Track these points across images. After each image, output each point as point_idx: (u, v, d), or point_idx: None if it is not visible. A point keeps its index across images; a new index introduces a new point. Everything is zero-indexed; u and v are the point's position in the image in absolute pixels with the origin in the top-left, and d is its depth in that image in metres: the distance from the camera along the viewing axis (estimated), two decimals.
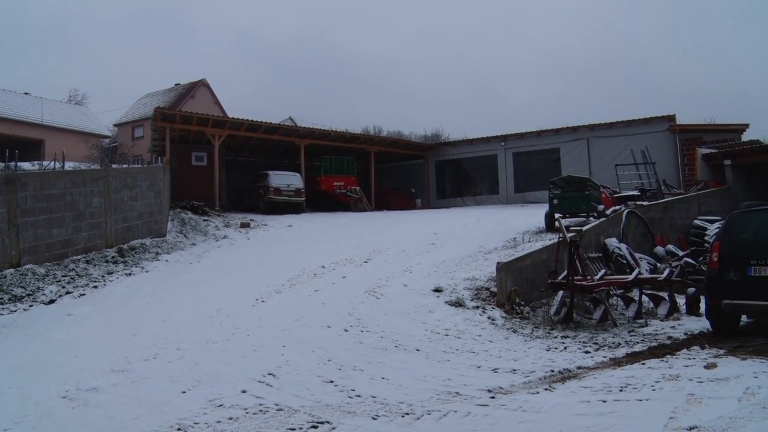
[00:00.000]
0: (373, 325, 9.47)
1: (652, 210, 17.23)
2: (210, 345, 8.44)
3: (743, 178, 20.48)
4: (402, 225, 20.91)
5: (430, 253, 15.18)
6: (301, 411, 5.76)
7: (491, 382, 6.69)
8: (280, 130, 27.92)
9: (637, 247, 15.24)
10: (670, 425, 5.02)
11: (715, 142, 24.47)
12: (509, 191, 31.04)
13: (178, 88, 53.45)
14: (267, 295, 11.56)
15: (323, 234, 19.58)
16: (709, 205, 18.92)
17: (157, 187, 18.28)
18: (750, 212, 9.39)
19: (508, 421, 5.39)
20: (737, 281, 8.58)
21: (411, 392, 6.33)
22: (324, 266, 13.94)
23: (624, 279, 11.35)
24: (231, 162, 29.79)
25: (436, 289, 11.37)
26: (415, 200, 33.23)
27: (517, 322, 10.21)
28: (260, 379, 6.85)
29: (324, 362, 7.61)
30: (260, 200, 25.25)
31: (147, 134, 42.42)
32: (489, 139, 32.07)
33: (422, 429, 5.29)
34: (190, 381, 6.78)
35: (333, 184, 28.63)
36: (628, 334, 9.45)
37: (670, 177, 25.09)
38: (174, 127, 24.05)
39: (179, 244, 17.31)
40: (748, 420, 5.05)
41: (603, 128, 28.33)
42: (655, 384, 6.33)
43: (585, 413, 5.49)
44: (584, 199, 16.83)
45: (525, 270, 11.81)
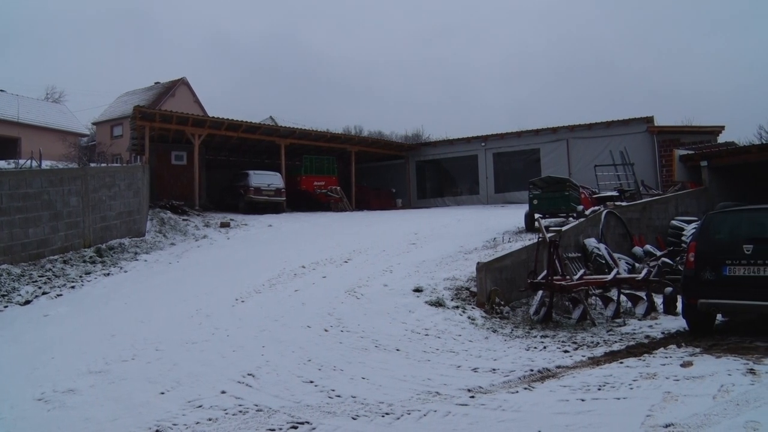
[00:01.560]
0: (353, 325, 9.46)
1: (630, 210, 17.39)
2: (189, 345, 8.38)
3: (719, 179, 20.74)
4: (382, 225, 20.92)
5: (410, 253, 15.20)
6: (281, 411, 5.74)
7: (471, 381, 6.71)
8: (261, 129, 27.80)
9: (615, 247, 15.37)
10: (647, 423, 5.07)
11: (692, 143, 24.77)
12: (489, 191, 31.19)
13: (158, 87, 53.04)
14: (247, 295, 11.50)
15: (303, 234, 19.54)
16: (686, 205, 19.14)
17: (136, 186, 18.12)
18: (725, 213, 9.53)
19: (487, 420, 5.41)
20: (713, 281, 8.69)
21: (391, 392, 6.33)
22: (304, 266, 13.91)
23: (603, 279, 11.45)
24: (211, 161, 29.62)
25: (416, 289, 11.39)
26: (396, 200, 33.25)
27: (496, 322, 10.26)
28: (240, 380, 6.81)
29: (304, 362, 7.58)
30: (240, 200, 25.13)
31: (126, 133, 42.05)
32: (469, 139, 32.20)
33: (402, 429, 5.29)
34: (168, 382, 6.73)
35: (313, 183, 28.57)
36: (606, 333, 9.53)
37: (649, 178, 25.36)
38: (153, 126, 23.86)
39: (158, 244, 17.17)
40: (722, 417, 5.14)
41: (582, 129, 28.56)
42: (633, 382, 6.39)
43: (564, 412, 5.53)
44: (564, 199, 16.95)
45: (505, 270, 11.87)
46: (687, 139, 25.68)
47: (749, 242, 8.45)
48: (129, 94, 53.49)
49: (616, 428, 5.03)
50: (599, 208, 17.14)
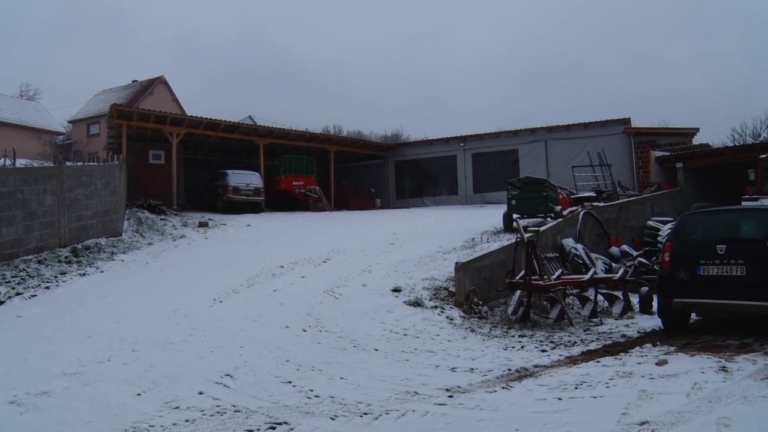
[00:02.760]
0: (331, 325, 9.45)
1: (607, 211, 17.55)
2: (166, 346, 8.31)
3: (694, 180, 21.04)
4: (361, 225, 20.92)
5: (389, 253, 15.21)
6: (259, 412, 5.71)
7: (449, 381, 6.74)
8: (240, 128, 27.65)
9: (593, 247, 15.50)
10: (623, 421, 5.13)
11: (667, 145, 25.08)
12: (468, 192, 31.31)
13: (136, 85, 52.46)
14: (225, 296, 11.44)
15: (282, 234, 19.47)
16: (662, 206, 19.38)
17: (113, 185, 17.93)
18: (699, 214, 9.66)
19: (465, 419, 5.43)
20: (687, 280, 8.81)
21: (369, 392, 6.34)
22: (283, 266, 13.86)
23: (580, 279, 11.55)
24: (189, 161, 29.41)
25: (395, 289, 11.41)
26: (375, 200, 33.26)
27: (475, 322, 10.30)
28: (218, 380, 6.76)
29: (282, 363, 7.56)
30: (219, 199, 24.98)
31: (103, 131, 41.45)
32: (448, 139, 32.30)
33: (381, 429, 5.29)
34: (145, 383, 6.66)
35: (292, 183, 28.47)
36: (583, 332, 9.61)
37: (625, 179, 25.61)
38: (131, 124, 23.63)
39: (135, 244, 17.01)
40: (695, 414, 5.22)
41: (560, 130, 28.76)
42: (609, 381, 6.46)
43: (541, 411, 5.58)
44: (542, 199, 17.06)
45: (483, 270, 11.92)
46: (663, 140, 25.99)
47: (722, 242, 8.58)
48: (106, 92, 52.84)
49: (593, 426, 5.08)
50: (577, 208, 17.27)
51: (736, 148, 22.70)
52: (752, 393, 5.74)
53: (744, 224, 9.17)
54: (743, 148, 21.66)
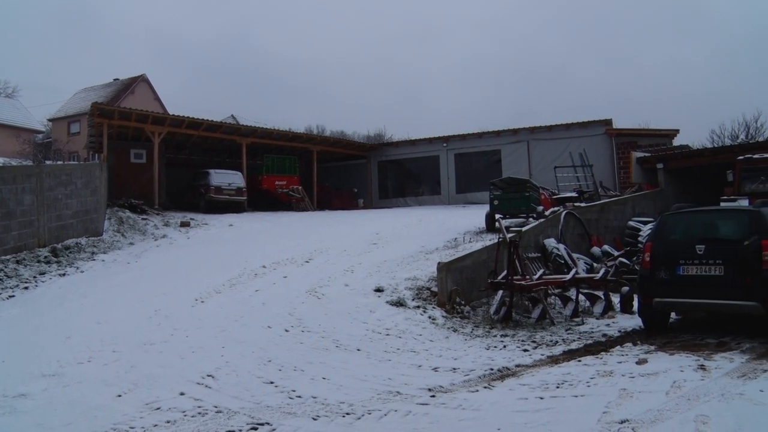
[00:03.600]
0: (314, 325, 9.44)
1: (589, 211, 17.67)
2: (147, 347, 8.25)
3: (675, 181, 21.26)
4: (344, 225, 20.90)
5: (371, 253, 15.22)
6: (241, 413, 5.69)
7: (432, 381, 6.75)
8: (222, 128, 27.51)
9: (574, 247, 15.61)
10: (604, 419, 5.17)
11: (648, 146, 25.30)
12: (451, 192, 31.36)
13: (117, 84, 52.01)
14: (207, 296, 11.38)
15: (264, 234, 19.40)
16: (643, 206, 19.55)
17: (94, 184, 17.77)
18: (679, 214, 9.76)
19: (448, 419, 5.45)
20: (667, 280, 8.91)
21: (352, 392, 6.33)
22: (265, 266, 13.82)
23: (562, 278, 11.61)
24: (171, 160, 29.18)
25: (377, 289, 11.41)
26: (358, 200, 33.21)
27: (457, 322, 10.33)
28: (199, 381, 6.73)
29: (264, 363, 7.54)
30: (201, 199, 24.83)
31: (84, 130, 41.05)
32: (431, 139, 32.33)
33: (363, 429, 5.29)
34: (126, 384, 6.60)
35: (275, 183, 28.36)
36: (565, 332, 9.68)
37: (607, 179, 25.80)
38: (112, 123, 23.41)
39: (116, 244, 16.87)
40: (674, 412, 5.29)
41: (543, 131, 28.90)
42: (590, 380, 6.51)
43: (523, 410, 5.60)
44: (524, 200, 17.14)
45: (465, 270, 11.96)
46: (644, 141, 26.21)
47: (701, 243, 8.69)
48: (87, 90, 52.33)
49: (574, 425, 5.12)
50: (559, 208, 17.37)
51: (715, 150, 22.98)
52: (729, 391, 5.84)
53: (722, 225, 9.30)
54: (722, 150, 21.93)
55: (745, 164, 15.29)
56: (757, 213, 8.80)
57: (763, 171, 15.02)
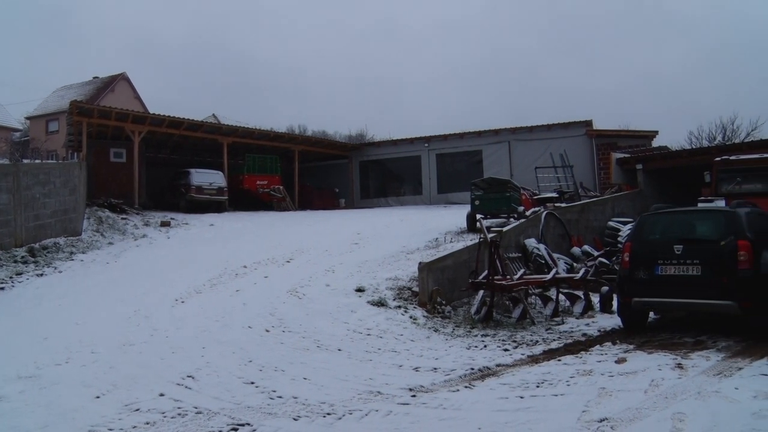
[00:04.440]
0: (295, 325, 9.42)
1: (569, 211, 17.80)
2: (127, 347, 8.18)
3: (654, 181, 21.49)
4: (325, 225, 20.88)
5: (352, 252, 15.21)
6: (221, 413, 5.66)
7: (412, 380, 6.76)
8: (203, 127, 27.35)
9: (555, 247, 15.71)
10: (583, 418, 5.22)
11: (628, 147, 25.53)
12: (432, 192, 31.42)
13: (97, 82, 51.52)
14: (187, 296, 11.31)
15: (246, 233, 19.32)
16: (623, 207, 19.74)
17: (73, 183, 17.59)
18: (657, 214, 9.87)
19: (428, 419, 5.46)
20: (646, 280, 9.00)
21: (333, 392, 6.33)
22: (246, 266, 13.76)
23: (542, 278, 11.69)
24: (152, 159, 28.97)
25: (358, 289, 11.41)
26: (339, 200, 33.16)
27: (438, 322, 10.36)
28: (179, 382, 6.68)
29: (245, 363, 7.51)
30: (181, 198, 24.66)
31: (62, 128, 40.59)
32: (413, 140, 32.37)
33: (343, 429, 5.29)
34: (104, 385, 6.53)
35: (256, 183, 28.24)
36: (545, 331, 9.74)
37: (587, 180, 25.99)
38: (91, 122, 23.18)
39: (95, 244, 16.71)
40: (652, 410, 5.36)
41: (524, 132, 29.04)
42: (570, 379, 6.57)
43: (503, 409, 5.64)
44: (505, 200, 17.22)
45: (446, 270, 11.99)
46: (623, 142, 26.44)
47: (679, 243, 8.80)
48: (65, 88, 51.79)
49: (554, 424, 5.15)
50: (539, 209, 17.48)
51: (692, 151, 23.30)
52: (705, 388, 5.93)
53: (700, 225, 9.42)
54: (699, 151, 22.23)
55: (722, 166, 15.48)
56: (733, 214, 8.93)
57: (739, 172, 15.22)
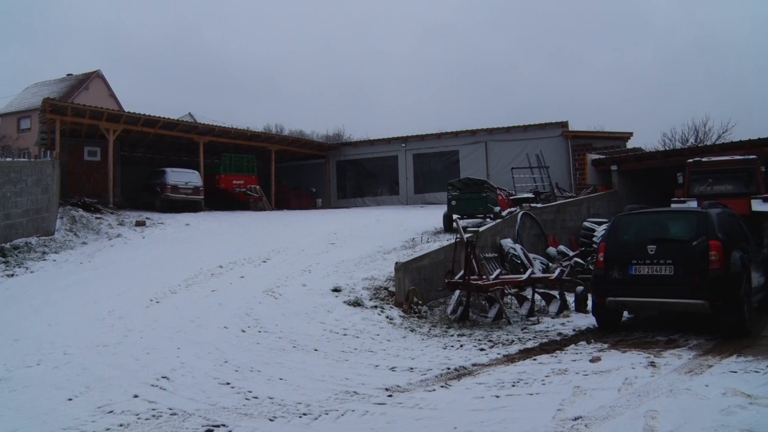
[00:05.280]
0: (271, 325, 9.38)
1: (545, 212, 17.93)
2: (100, 348, 8.09)
3: (628, 182, 21.73)
4: (302, 225, 20.81)
5: (329, 252, 15.18)
6: (196, 414, 5.62)
7: (389, 380, 6.77)
8: (179, 126, 27.12)
9: (531, 247, 15.82)
10: (558, 417, 5.26)
11: (603, 148, 25.78)
12: (409, 192, 31.47)
13: (71, 79, 50.83)
14: (162, 296, 11.21)
15: (222, 233, 19.20)
16: (598, 207, 19.92)
17: (45, 182, 17.34)
18: (631, 215, 9.98)
19: (405, 418, 5.47)
20: (620, 279, 9.11)
21: (309, 392, 6.31)
22: (222, 266, 13.68)
23: (518, 278, 11.76)
24: (126, 158, 28.69)
25: (335, 289, 11.39)
26: (316, 200, 33.10)
27: (414, 321, 10.38)
28: (154, 383, 6.63)
29: (220, 364, 7.46)
30: (157, 198, 24.44)
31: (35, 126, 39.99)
32: (390, 140, 32.40)
33: (320, 429, 5.28)
34: (77, 387, 6.46)
35: (233, 182, 28.09)
36: (521, 331, 9.80)
37: (563, 180, 26.21)
38: (65, 119, 22.87)
39: (69, 243, 16.49)
40: (626, 408, 5.43)
41: (501, 132, 29.18)
42: (545, 378, 6.62)
43: (479, 408, 5.67)
44: (481, 200, 17.29)
45: (423, 270, 12.02)
46: (599, 143, 26.69)
47: (653, 243, 8.92)
48: (38, 85, 51.06)
49: (529, 423, 5.19)
50: (516, 209, 17.60)
51: (666, 153, 23.60)
52: (677, 386, 6.03)
53: (672, 225, 9.55)
54: (673, 153, 22.53)
55: (694, 167, 15.72)
56: (705, 214, 9.06)
57: (710, 174, 15.46)
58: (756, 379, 6.24)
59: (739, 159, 15.67)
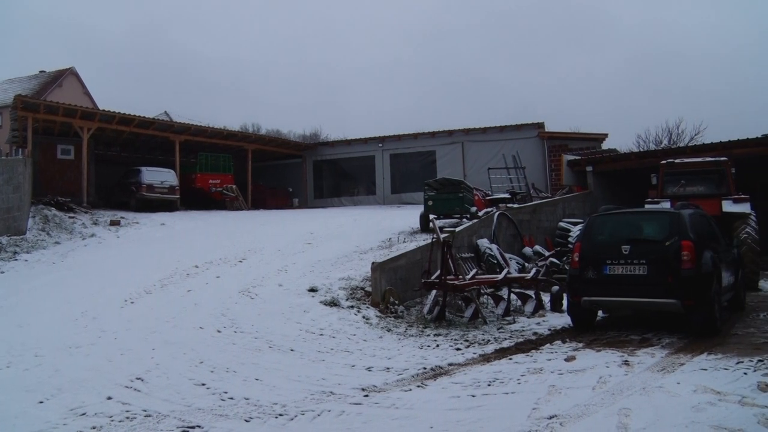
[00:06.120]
0: (247, 325, 9.34)
1: (521, 212, 18.05)
2: (73, 350, 7.99)
3: (603, 183, 21.96)
4: (278, 224, 20.73)
5: (305, 252, 15.15)
6: (171, 416, 5.58)
7: (365, 380, 6.78)
8: (155, 124, 26.85)
9: (507, 247, 15.91)
10: (533, 415, 5.31)
11: (579, 149, 25.99)
12: (386, 192, 31.46)
13: (44, 76, 50.02)
14: (137, 296, 11.11)
15: (197, 233, 19.06)
16: (573, 208, 20.11)
17: (17, 181, 17.07)
18: (606, 215, 10.09)
19: (381, 418, 5.48)
20: (595, 279, 9.20)
21: (285, 393, 6.30)
22: (197, 266, 13.58)
23: (494, 278, 11.82)
24: (101, 156, 28.33)
25: (311, 289, 11.37)
26: (293, 200, 32.97)
27: (391, 321, 10.40)
28: (128, 384, 6.56)
29: (196, 364, 7.41)
30: (132, 197, 24.17)
31: (6, 124, 39.29)
32: (367, 140, 32.36)
33: (296, 430, 5.27)
34: (49, 389, 6.37)
35: (209, 182, 27.87)
36: (497, 330, 9.86)
37: (539, 181, 26.36)
38: (37, 117, 22.51)
39: (41, 243, 16.26)
40: (600, 406, 5.50)
41: (477, 133, 29.29)
42: (521, 378, 6.67)
43: (455, 408, 5.69)
44: (458, 200, 17.35)
45: (399, 270, 12.04)
46: (575, 145, 26.89)
47: (627, 243, 9.02)
48: (9, 81, 50.14)
49: (505, 422, 5.23)
50: (492, 209, 17.68)
51: (640, 154, 23.88)
52: (650, 384, 6.12)
53: (646, 226, 9.67)
54: (647, 154, 22.80)
55: (667, 168, 15.92)
56: (678, 215, 9.20)
57: (683, 175, 15.67)
58: (725, 376, 6.35)
59: (710, 161, 15.90)
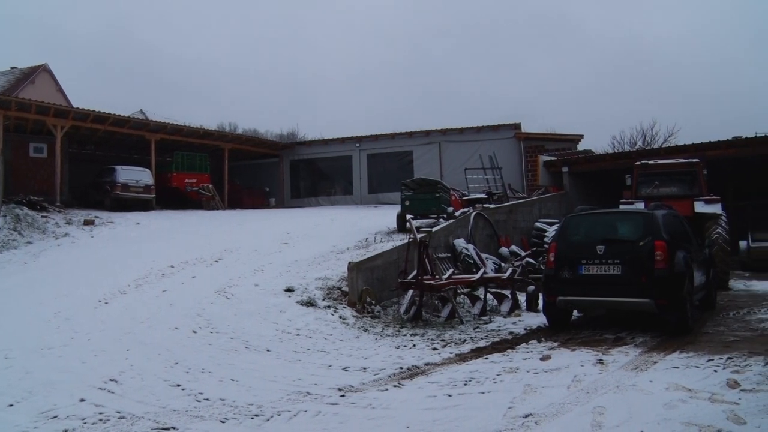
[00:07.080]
0: (223, 325, 9.29)
1: (498, 212, 18.15)
2: (45, 351, 7.88)
3: (579, 183, 22.18)
4: (255, 224, 20.65)
5: (282, 252, 15.10)
6: (145, 418, 5.53)
7: (342, 380, 6.78)
8: (130, 123, 26.56)
9: (483, 247, 15.99)
10: (509, 414, 5.35)
11: (555, 150, 26.22)
12: (363, 192, 31.45)
13: (15, 72, 49.14)
14: (111, 297, 10.99)
15: (173, 232, 18.89)
16: (549, 208, 20.27)
17: None
18: (581, 216, 10.19)
19: (357, 418, 5.48)
20: (570, 279, 9.28)
21: (261, 393, 6.27)
22: (173, 266, 13.46)
23: (470, 278, 11.88)
24: (75, 155, 27.92)
25: (287, 289, 11.34)
26: (269, 199, 32.80)
27: (368, 321, 10.40)
28: (101, 386, 6.49)
29: (171, 365, 7.35)
30: (106, 196, 23.88)
31: None
32: (344, 140, 32.32)
33: (272, 430, 5.25)
34: (19, 392, 6.26)
35: (185, 181, 27.65)
36: (473, 330, 9.91)
37: (515, 182, 26.53)
38: (9, 114, 22.14)
39: (12, 243, 16.02)
40: (575, 405, 5.55)
41: (454, 133, 29.40)
42: (497, 377, 6.71)
43: (432, 407, 5.71)
44: (435, 201, 17.40)
45: (376, 270, 12.05)
46: (551, 146, 27.12)
47: (602, 243, 9.11)
48: None
49: (481, 421, 5.26)
50: (468, 209, 17.76)
51: (615, 155, 24.17)
52: (623, 382, 6.19)
53: (621, 226, 9.78)
54: (621, 155, 23.08)
55: (641, 169, 16.11)
56: (651, 215, 9.32)
57: (657, 176, 15.88)
58: (696, 374, 6.46)
59: (683, 162, 16.12)
